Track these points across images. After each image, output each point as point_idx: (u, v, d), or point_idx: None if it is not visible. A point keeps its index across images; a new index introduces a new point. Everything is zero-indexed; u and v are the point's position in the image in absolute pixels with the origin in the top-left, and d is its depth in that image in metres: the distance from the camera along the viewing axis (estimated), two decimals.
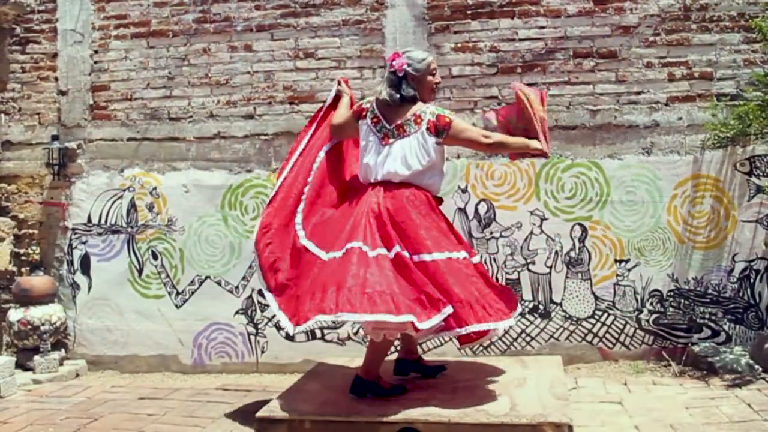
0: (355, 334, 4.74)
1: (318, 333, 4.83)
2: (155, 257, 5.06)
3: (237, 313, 4.93)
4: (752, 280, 4.51)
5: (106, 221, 5.13)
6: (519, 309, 3.56)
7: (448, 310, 3.03)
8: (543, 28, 4.73)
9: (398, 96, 3.33)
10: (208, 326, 4.97)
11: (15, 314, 4.88)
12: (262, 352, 4.90)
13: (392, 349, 4.74)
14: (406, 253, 3.14)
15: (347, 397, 3.30)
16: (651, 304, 4.57)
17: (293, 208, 3.46)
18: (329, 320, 3.07)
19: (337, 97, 3.73)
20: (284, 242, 3.40)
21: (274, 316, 4.82)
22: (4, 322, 5.00)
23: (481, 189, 4.72)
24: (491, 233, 4.70)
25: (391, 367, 3.60)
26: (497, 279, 4.63)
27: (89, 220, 5.15)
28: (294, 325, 3.16)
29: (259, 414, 3.22)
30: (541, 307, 4.65)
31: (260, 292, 4.88)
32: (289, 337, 4.85)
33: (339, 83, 3.80)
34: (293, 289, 3.28)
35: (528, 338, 4.66)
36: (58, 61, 5.27)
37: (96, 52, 5.23)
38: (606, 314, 4.60)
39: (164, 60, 5.14)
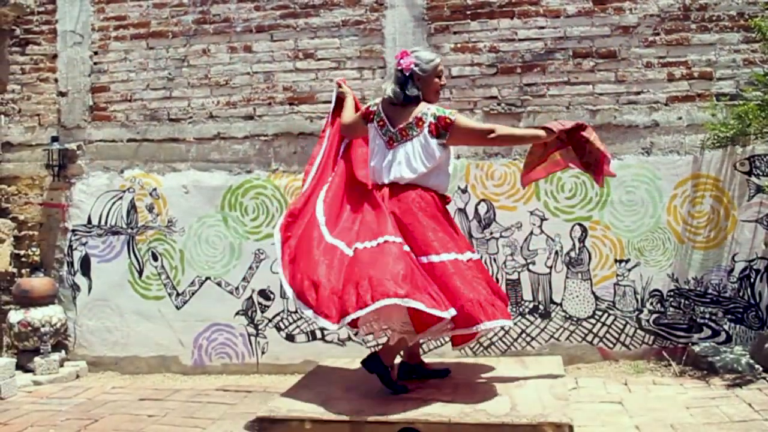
0: (356, 334, 4.74)
1: (318, 334, 4.83)
2: (155, 258, 5.06)
3: (237, 314, 4.93)
4: (752, 280, 4.50)
5: (106, 222, 5.13)
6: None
7: (452, 312, 3.04)
8: (542, 28, 4.74)
9: (402, 95, 3.34)
10: (208, 327, 4.97)
11: (15, 316, 4.88)
12: (263, 352, 4.90)
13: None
14: (413, 255, 3.18)
15: (348, 397, 3.31)
16: (651, 304, 4.57)
17: (314, 205, 3.48)
18: (398, 303, 2.96)
19: (341, 99, 3.76)
20: (306, 236, 3.38)
21: (276, 315, 4.84)
22: (4, 324, 5.00)
23: (481, 189, 4.72)
24: (491, 233, 4.70)
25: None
26: (497, 279, 4.64)
27: (89, 221, 5.15)
28: (338, 317, 3.06)
29: (259, 414, 3.22)
30: (541, 307, 4.65)
31: (261, 293, 4.89)
32: (290, 338, 4.85)
33: (339, 86, 3.83)
34: (308, 278, 3.24)
35: (528, 338, 4.65)
36: (57, 62, 5.27)
37: (96, 53, 5.24)
38: (606, 314, 4.60)
39: (164, 61, 5.14)
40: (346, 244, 3.27)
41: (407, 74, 3.36)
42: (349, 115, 3.67)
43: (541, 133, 3.40)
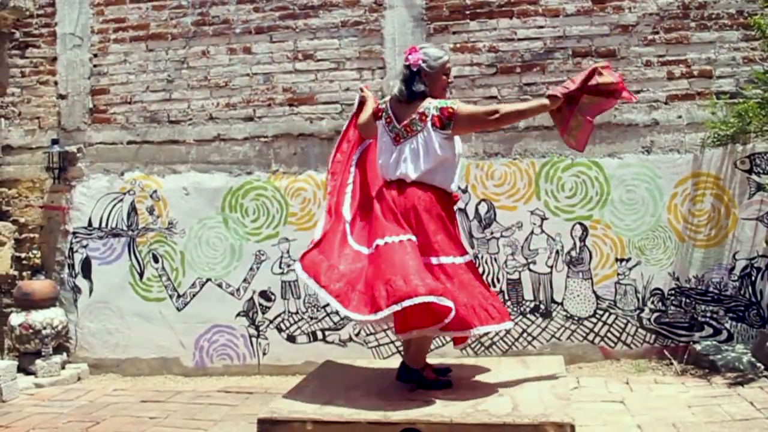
0: (357, 335, 4.74)
1: (319, 335, 4.83)
2: (156, 260, 5.06)
3: (238, 315, 4.93)
4: (753, 278, 4.50)
5: (106, 224, 5.14)
6: None
7: (447, 320, 3.06)
8: (542, 27, 4.73)
9: (408, 91, 3.34)
10: (209, 329, 4.97)
11: (16, 318, 4.89)
12: (264, 354, 4.90)
13: (392, 350, 4.75)
14: None
15: (349, 397, 3.30)
16: (652, 302, 4.56)
17: (342, 204, 3.52)
18: (434, 300, 2.98)
19: (362, 104, 3.78)
20: (332, 230, 3.45)
21: (277, 316, 4.84)
22: (5, 326, 5.00)
23: (481, 189, 4.72)
24: (492, 233, 4.70)
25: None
26: (498, 279, 4.64)
27: (90, 223, 5.15)
28: (370, 310, 3.08)
29: (260, 415, 3.22)
30: (542, 306, 4.65)
31: (262, 294, 4.89)
32: (291, 339, 4.86)
33: (362, 90, 3.84)
34: (327, 260, 3.30)
35: (529, 338, 4.65)
36: (57, 65, 5.28)
37: (95, 55, 5.24)
38: (607, 313, 4.60)
39: (163, 63, 5.14)
40: (367, 247, 3.29)
41: (414, 70, 3.35)
42: (364, 116, 3.69)
43: (546, 101, 3.34)
